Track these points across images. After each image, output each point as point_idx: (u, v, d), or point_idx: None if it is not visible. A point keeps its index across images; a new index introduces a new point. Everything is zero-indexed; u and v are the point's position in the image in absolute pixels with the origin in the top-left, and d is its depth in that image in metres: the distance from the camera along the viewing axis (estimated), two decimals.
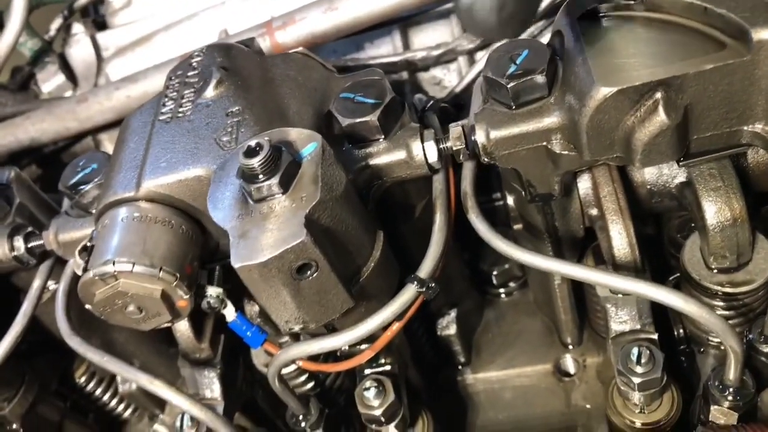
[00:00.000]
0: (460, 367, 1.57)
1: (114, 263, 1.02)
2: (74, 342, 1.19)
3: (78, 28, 1.78)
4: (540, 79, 1.03)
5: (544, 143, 1.06)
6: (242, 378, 1.34)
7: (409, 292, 1.06)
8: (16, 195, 1.34)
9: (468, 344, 1.56)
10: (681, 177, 1.16)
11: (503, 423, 1.49)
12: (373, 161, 1.11)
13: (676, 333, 1.25)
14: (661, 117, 0.95)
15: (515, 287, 1.63)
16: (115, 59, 1.75)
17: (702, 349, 1.22)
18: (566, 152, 1.05)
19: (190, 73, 1.22)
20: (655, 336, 1.15)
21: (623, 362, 1.11)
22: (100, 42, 1.77)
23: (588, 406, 1.45)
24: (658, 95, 0.95)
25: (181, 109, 1.16)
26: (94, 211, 1.18)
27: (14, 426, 1.40)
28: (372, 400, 1.18)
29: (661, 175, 1.19)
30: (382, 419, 1.19)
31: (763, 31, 0.93)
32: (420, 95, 1.35)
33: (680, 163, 1.08)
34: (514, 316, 1.61)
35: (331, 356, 1.28)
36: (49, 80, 1.79)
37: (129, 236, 1.06)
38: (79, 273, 1.07)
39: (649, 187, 1.20)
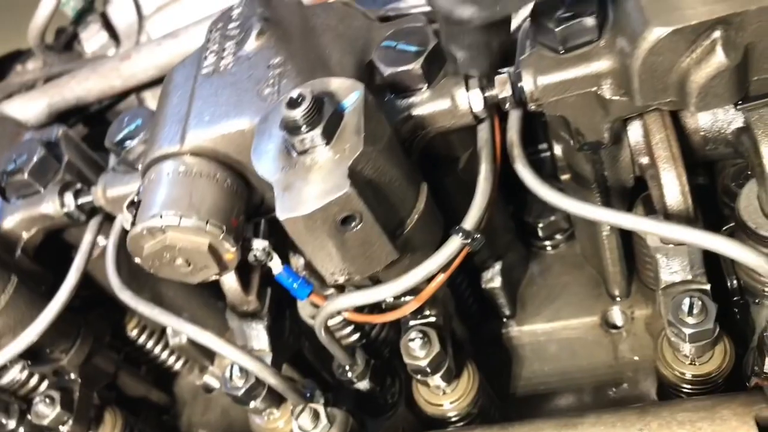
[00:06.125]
0: (505, 319, 1.56)
1: (161, 217, 1.03)
2: (125, 296, 1.22)
3: None
4: (590, 21, 0.99)
5: (594, 89, 1.03)
6: (289, 330, 1.36)
7: (454, 243, 1.05)
8: (64, 153, 1.37)
9: (513, 297, 1.55)
10: (738, 122, 1.11)
11: (549, 375, 1.48)
12: (416, 111, 1.09)
13: (729, 284, 1.22)
14: (719, 58, 0.91)
15: (562, 239, 1.61)
16: (156, 16, 1.76)
17: (757, 300, 1.18)
18: (617, 98, 1.02)
19: (230, 26, 1.21)
20: (707, 287, 1.12)
21: (674, 313, 1.08)
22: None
23: (636, 358, 1.43)
24: (717, 34, 0.90)
25: (222, 62, 1.15)
26: (140, 167, 1.19)
27: (72, 376, 1.45)
28: (417, 351, 1.18)
29: (716, 120, 1.14)
30: (428, 370, 1.19)
31: None
32: None
33: (738, 107, 1.04)
34: (560, 268, 1.58)
35: (376, 308, 1.29)
36: (92, 39, 1.81)
37: (175, 190, 1.07)
38: (128, 227, 1.09)
39: (703, 133, 1.16)
